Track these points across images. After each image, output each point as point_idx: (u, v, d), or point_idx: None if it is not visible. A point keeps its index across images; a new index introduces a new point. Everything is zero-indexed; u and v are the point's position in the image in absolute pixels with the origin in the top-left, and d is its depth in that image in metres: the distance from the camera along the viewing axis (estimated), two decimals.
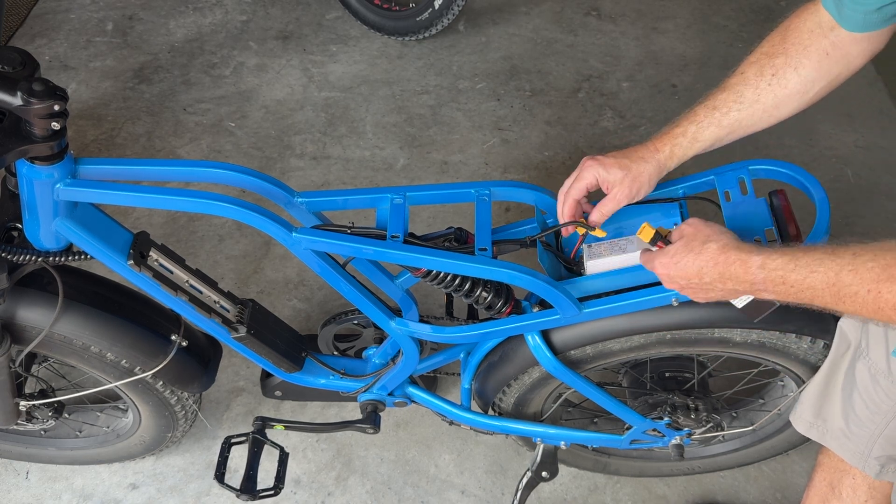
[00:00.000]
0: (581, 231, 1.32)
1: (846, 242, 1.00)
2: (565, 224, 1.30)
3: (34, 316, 1.42)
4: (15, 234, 1.35)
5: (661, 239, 1.20)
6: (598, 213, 1.30)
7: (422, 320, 1.49)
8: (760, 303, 1.17)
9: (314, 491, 1.96)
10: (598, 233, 1.29)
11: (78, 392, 1.68)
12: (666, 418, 1.61)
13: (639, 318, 1.36)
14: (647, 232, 1.21)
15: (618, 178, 1.25)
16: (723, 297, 1.15)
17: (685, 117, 1.26)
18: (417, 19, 2.96)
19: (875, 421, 1.29)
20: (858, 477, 1.45)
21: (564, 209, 1.31)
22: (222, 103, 2.88)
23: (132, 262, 1.31)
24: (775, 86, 1.21)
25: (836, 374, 1.36)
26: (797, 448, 1.80)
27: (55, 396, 1.70)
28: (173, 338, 1.54)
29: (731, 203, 1.35)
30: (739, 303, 1.19)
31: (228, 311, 1.47)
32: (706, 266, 1.10)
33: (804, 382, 1.53)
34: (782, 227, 1.31)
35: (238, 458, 1.83)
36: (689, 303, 1.25)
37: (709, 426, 1.63)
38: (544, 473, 1.72)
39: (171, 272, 1.39)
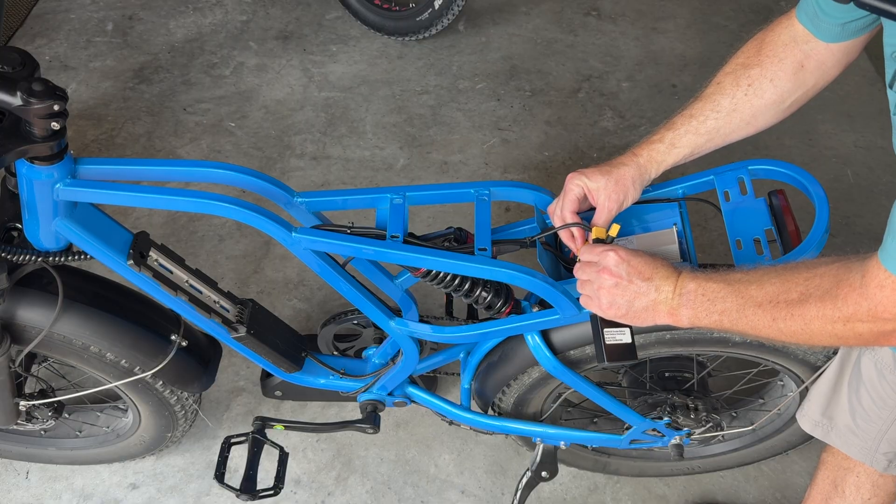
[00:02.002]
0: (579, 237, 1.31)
1: (759, 265, 1.08)
2: (564, 226, 1.30)
3: (34, 316, 1.42)
4: (15, 234, 1.35)
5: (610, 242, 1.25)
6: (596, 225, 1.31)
7: (421, 320, 1.49)
8: (624, 349, 1.23)
9: (314, 491, 1.96)
10: (598, 232, 1.29)
11: (78, 392, 1.68)
12: (665, 418, 1.61)
13: None
14: (614, 230, 1.25)
15: (601, 185, 1.27)
16: (631, 306, 1.16)
17: (663, 126, 1.29)
18: (417, 19, 2.96)
19: (882, 416, 1.29)
20: (862, 475, 1.45)
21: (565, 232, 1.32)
22: (222, 103, 2.88)
23: (132, 262, 1.31)
24: (751, 96, 1.23)
25: (845, 371, 1.36)
26: (797, 448, 1.80)
27: (55, 396, 1.70)
28: (173, 338, 1.54)
29: (731, 203, 1.36)
30: (610, 338, 1.23)
31: (228, 311, 1.47)
32: (651, 262, 1.15)
33: (804, 382, 1.53)
34: (782, 227, 1.32)
35: (238, 458, 1.83)
36: None
37: (708, 426, 1.63)
38: (544, 473, 1.72)
39: (171, 272, 1.39)
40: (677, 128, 1.28)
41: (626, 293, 1.16)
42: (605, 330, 1.25)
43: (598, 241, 1.26)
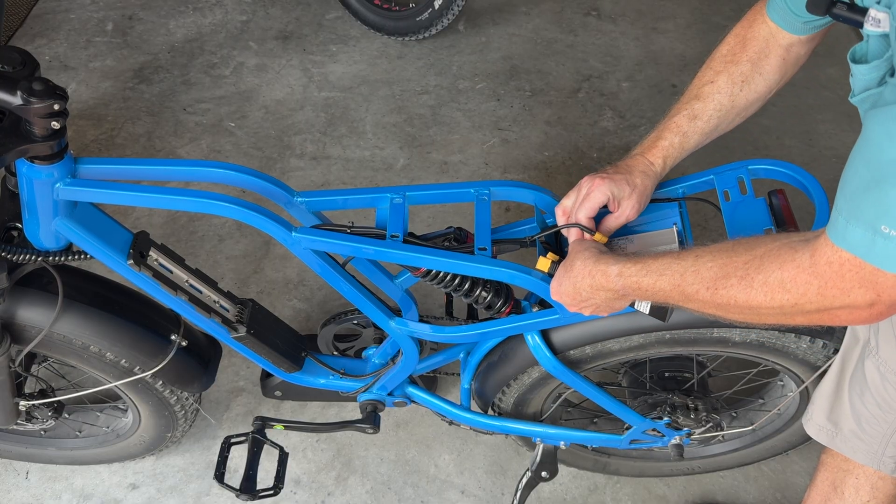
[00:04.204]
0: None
1: (691, 247, 1.10)
2: (565, 226, 1.30)
3: (34, 316, 1.42)
4: (15, 233, 1.35)
5: (557, 269, 1.27)
6: (606, 230, 1.32)
7: (421, 320, 1.49)
8: (658, 305, 1.24)
9: (314, 491, 1.96)
10: (599, 238, 1.29)
11: (78, 392, 1.68)
12: (665, 418, 1.61)
13: (638, 318, 1.36)
14: (543, 263, 1.28)
15: (626, 194, 1.29)
16: (611, 306, 1.23)
17: (668, 128, 1.32)
18: (417, 19, 2.96)
19: (888, 420, 1.29)
20: (861, 476, 1.45)
21: (571, 230, 1.32)
22: (222, 103, 2.88)
23: (132, 261, 1.31)
24: (746, 91, 1.30)
25: (845, 374, 1.36)
26: (797, 448, 1.80)
27: (55, 396, 1.70)
28: (173, 338, 1.54)
29: (731, 203, 1.36)
30: (645, 308, 1.26)
31: (228, 310, 1.47)
32: (578, 280, 1.20)
33: (804, 382, 1.53)
34: (781, 227, 1.32)
35: (238, 458, 1.83)
36: None
37: (708, 426, 1.63)
38: (544, 473, 1.72)
39: (171, 272, 1.39)
40: (683, 130, 1.31)
41: (590, 305, 1.23)
42: (638, 306, 1.27)
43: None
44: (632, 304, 1.25)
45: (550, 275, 1.29)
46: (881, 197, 0.83)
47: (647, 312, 1.25)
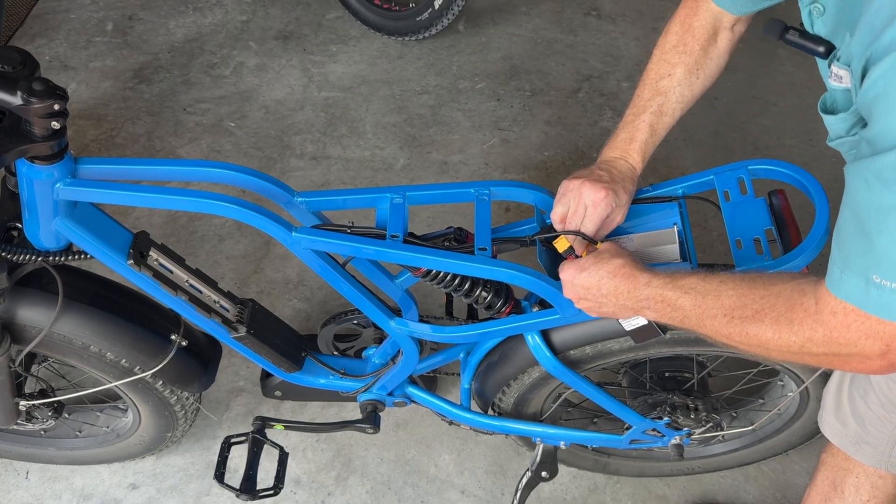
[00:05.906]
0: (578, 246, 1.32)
1: (717, 270, 1.10)
2: (567, 232, 1.30)
3: (34, 316, 1.42)
4: (15, 233, 1.35)
5: (573, 252, 1.29)
6: (599, 236, 1.32)
7: (421, 320, 1.49)
8: (645, 330, 1.32)
9: (314, 491, 1.96)
10: (601, 246, 1.29)
11: (78, 392, 1.68)
12: (665, 418, 1.61)
13: None
14: (562, 243, 1.29)
15: (623, 202, 1.31)
16: (613, 313, 1.24)
17: (639, 129, 1.34)
18: (417, 19, 2.96)
19: (893, 421, 1.30)
20: (861, 476, 1.45)
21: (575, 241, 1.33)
22: (222, 103, 2.88)
23: (132, 261, 1.31)
24: (703, 78, 1.35)
25: (844, 377, 1.36)
26: (797, 448, 1.80)
27: (55, 396, 1.70)
28: (173, 338, 1.54)
29: (731, 203, 1.36)
30: (629, 325, 1.31)
31: (228, 310, 1.47)
32: (605, 277, 1.19)
33: (804, 382, 1.53)
34: (782, 227, 1.32)
35: (238, 458, 1.83)
36: None
37: (708, 426, 1.63)
38: (544, 473, 1.72)
39: (171, 272, 1.39)
40: (655, 128, 1.35)
41: (593, 303, 1.23)
42: (623, 322, 1.32)
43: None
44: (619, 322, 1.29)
45: (565, 256, 1.29)
46: (868, 247, 0.84)
47: (629, 330, 1.31)
